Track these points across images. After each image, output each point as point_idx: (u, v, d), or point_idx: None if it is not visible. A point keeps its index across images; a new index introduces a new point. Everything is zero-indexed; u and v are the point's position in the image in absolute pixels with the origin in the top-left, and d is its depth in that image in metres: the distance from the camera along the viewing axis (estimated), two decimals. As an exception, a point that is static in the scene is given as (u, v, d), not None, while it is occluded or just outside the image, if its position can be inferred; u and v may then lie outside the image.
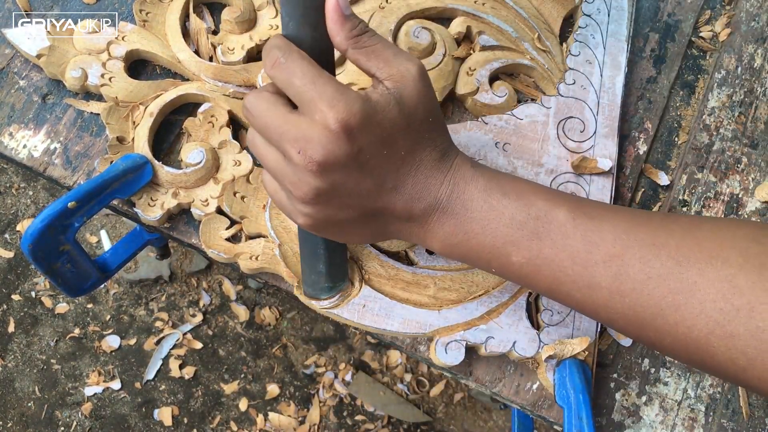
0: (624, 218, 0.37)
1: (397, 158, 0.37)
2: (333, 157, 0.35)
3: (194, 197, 0.49)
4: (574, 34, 0.56)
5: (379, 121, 0.35)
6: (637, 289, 0.35)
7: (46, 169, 0.50)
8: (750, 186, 0.55)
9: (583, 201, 0.39)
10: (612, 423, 0.49)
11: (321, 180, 0.36)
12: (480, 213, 0.38)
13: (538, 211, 0.38)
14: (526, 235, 0.38)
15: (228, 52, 0.52)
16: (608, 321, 0.38)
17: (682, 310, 0.34)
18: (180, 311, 1.42)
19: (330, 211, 0.38)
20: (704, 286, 0.34)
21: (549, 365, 0.47)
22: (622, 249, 0.36)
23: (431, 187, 0.38)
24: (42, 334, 1.38)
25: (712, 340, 0.34)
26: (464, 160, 0.39)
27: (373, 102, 0.35)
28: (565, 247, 0.37)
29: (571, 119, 0.53)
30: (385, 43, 0.37)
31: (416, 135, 0.37)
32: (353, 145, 0.35)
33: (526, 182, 0.40)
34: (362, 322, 0.47)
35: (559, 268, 0.37)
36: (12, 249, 1.43)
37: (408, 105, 0.36)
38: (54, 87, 0.52)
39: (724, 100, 0.58)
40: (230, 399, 1.37)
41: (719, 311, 0.33)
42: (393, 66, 0.36)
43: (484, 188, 0.38)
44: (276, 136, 0.36)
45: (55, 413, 1.33)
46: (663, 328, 0.35)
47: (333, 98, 0.34)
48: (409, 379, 1.40)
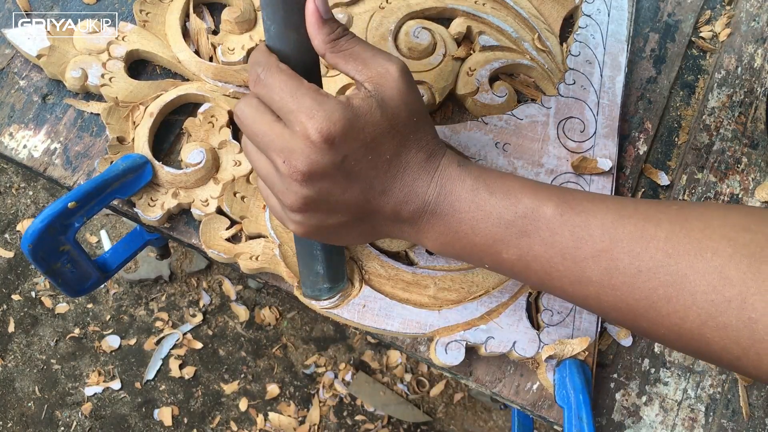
0: (611, 210, 0.37)
1: (382, 162, 0.37)
2: (317, 167, 0.35)
3: (194, 197, 0.49)
4: (574, 34, 0.56)
5: (361, 126, 0.35)
6: (627, 282, 0.35)
7: (46, 170, 0.50)
8: (750, 186, 0.55)
9: (570, 194, 0.39)
10: (612, 423, 0.49)
11: (307, 188, 0.36)
12: (468, 213, 0.38)
13: (525, 208, 0.37)
14: (514, 233, 0.38)
15: (228, 53, 0.52)
16: (601, 313, 0.39)
17: (673, 303, 0.34)
18: (180, 311, 1.42)
19: (320, 217, 0.38)
20: (695, 278, 0.33)
21: (549, 365, 0.47)
22: (611, 243, 0.36)
23: (419, 189, 0.38)
24: (42, 334, 1.38)
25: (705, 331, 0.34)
26: (451, 160, 0.39)
27: (355, 108, 0.35)
28: (554, 243, 0.37)
29: (571, 119, 0.53)
30: (364, 46, 0.37)
31: (401, 137, 0.37)
32: (337, 154, 0.35)
33: (513, 178, 0.39)
34: (362, 322, 0.47)
35: (550, 264, 0.38)
36: (12, 249, 1.43)
37: (390, 106, 0.36)
38: (54, 87, 0.52)
39: (724, 100, 0.58)
40: (230, 399, 1.37)
41: (711, 303, 0.33)
42: (371, 67, 0.36)
43: (470, 188, 0.38)
44: (263, 145, 0.37)
45: (55, 413, 1.33)
46: (656, 319, 0.35)
47: (311, 109, 0.34)
48: (409, 379, 1.40)
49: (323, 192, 0.36)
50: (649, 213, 0.36)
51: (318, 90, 0.35)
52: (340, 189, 0.36)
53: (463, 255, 0.40)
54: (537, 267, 0.38)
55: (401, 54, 0.53)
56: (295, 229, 0.39)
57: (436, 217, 0.39)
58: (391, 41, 0.54)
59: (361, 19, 0.54)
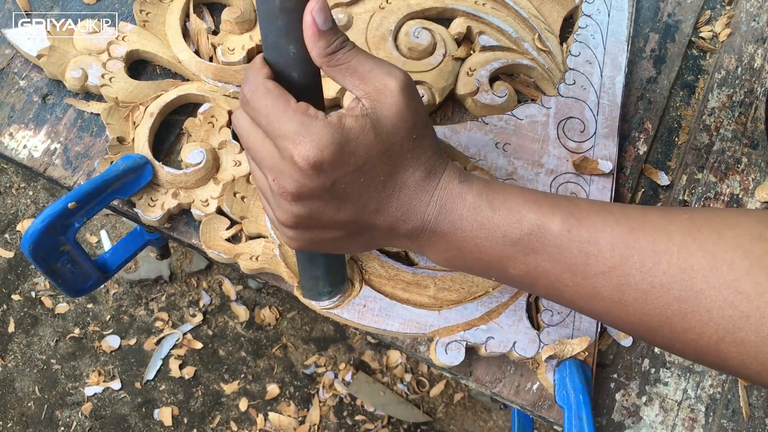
0: (620, 223, 0.36)
1: (376, 183, 0.35)
2: (306, 190, 0.34)
3: (194, 197, 0.49)
4: (574, 34, 0.56)
5: (352, 150, 0.34)
6: (640, 298, 0.34)
7: (47, 170, 0.50)
8: (750, 186, 0.55)
9: (576, 207, 0.37)
10: (612, 423, 0.49)
11: (297, 207, 0.35)
12: (471, 232, 0.37)
13: (531, 225, 0.36)
14: (521, 251, 0.37)
15: (228, 53, 0.52)
16: (614, 327, 0.38)
17: (689, 319, 0.33)
18: (180, 311, 1.42)
19: (313, 233, 0.37)
20: (710, 293, 0.32)
21: (549, 365, 0.47)
22: (621, 259, 0.35)
23: (417, 209, 0.37)
24: (42, 334, 1.38)
25: (723, 346, 0.33)
26: (451, 176, 0.38)
27: (346, 130, 0.34)
28: (562, 260, 0.36)
29: (571, 119, 0.53)
30: (363, 59, 0.35)
31: (396, 157, 0.36)
32: (326, 179, 0.34)
33: (516, 192, 0.38)
34: (362, 323, 0.47)
35: (558, 280, 0.37)
36: (12, 249, 1.43)
37: (386, 125, 0.35)
38: (54, 87, 0.52)
39: (724, 101, 0.58)
40: (230, 399, 1.37)
41: (728, 319, 0.32)
42: (369, 83, 0.35)
43: (472, 206, 0.37)
44: (256, 159, 0.36)
45: (55, 413, 1.33)
46: (671, 335, 0.34)
47: (297, 135, 0.33)
48: (409, 379, 1.40)
49: (314, 211, 0.35)
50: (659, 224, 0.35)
51: (306, 111, 0.34)
52: (331, 209, 0.36)
53: (468, 269, 0.40)
54: (545, 282, 0.37)
55: (401, 54, 0.53)
56: (289, 243, 0.39)
57: (437, 235, 0.38)
58: (391, 41, 0.54)
59: (361, 19, 0.54)
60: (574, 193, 0.51)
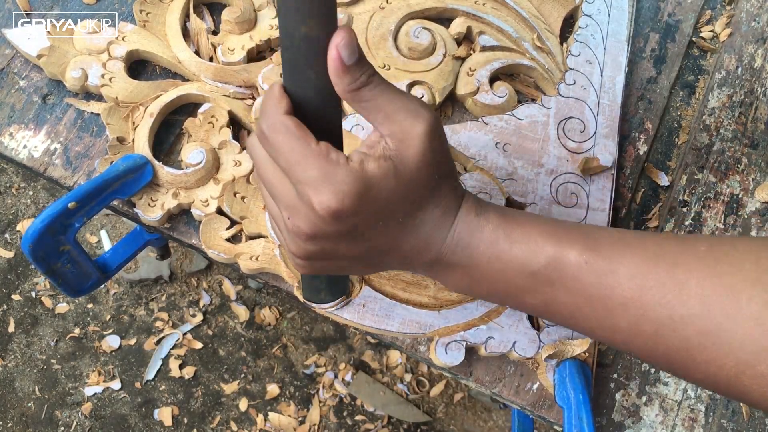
0: (638, 254, 0.35)
1: (394, 224, 0.35)
2: (321, 233, 0.33)
3: (194, 198, 0.49)
4: (574, 34, 0.56)
5: (373, 197, 0.33)
6: (659, 331, 0.34)
7: (47, 170, 0.50)
8: (750, 186, 0.55)
9: (594, 236, 0.37)
10: (612, 423, 0.49)
11: (310, 245, 0.35)
12: (488, 264, 0.37)
13: (548, 257, 0.36)
14: (538, 282, 0.36)
15: (228, 53, 0.52)
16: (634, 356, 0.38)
17: (709, 351, 0.33)
18: (180, 311, 1.42)
19: (324, 264, 0.37)
20: (731, 327, 0.32)
21: (549, 365, 0.47)
22: (640, 291, 0.34)
23: (433, 243, 0.36)
24: (42, 334, 1.38)
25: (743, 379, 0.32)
26: (468, 209, 0.37)
27: (368, 176, 0.32)
28: (579, 291, 0.36)
29: (571, 119, 0.53)
30: (389, 96, 0.33)
31: (417, 200, 0.35)
32: (343, 225, 0.33)
33: (534, 223, 0.37)
34: (362, 322, 0.47)
35: (576, 309, 0.36)
36: (12, 249, 1.43)
37: (410, 169, 0.34)
38: (54, 87, 0.52)
39: (724, 101, 0.58)
40: (230, 399, 1.36)
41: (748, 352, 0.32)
42: (395, 123, 0.33)
43: (489, 240, 0.36)
44: (271, 192, 0.35)
45: (55, 413, 1.33)
46: (691, 366, 0.34)
47: (318, 183, 0.32)
48: (409, 379, 1.40)
49: (327, 249, 0.35)
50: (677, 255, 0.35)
51: (327, 156, 0.32)
52: (344, 248, 0.35)
53: (484, 297, 0.40)
54: (564, 312, 0.37)
55: (401, 54, 0.53)
56: (297, 269, 0.38)
57: (452, 266, 0.37)
58: (391, 41, 0.54)
59: (361, 19, 0.54)
60: (574, 193, 0.51)
